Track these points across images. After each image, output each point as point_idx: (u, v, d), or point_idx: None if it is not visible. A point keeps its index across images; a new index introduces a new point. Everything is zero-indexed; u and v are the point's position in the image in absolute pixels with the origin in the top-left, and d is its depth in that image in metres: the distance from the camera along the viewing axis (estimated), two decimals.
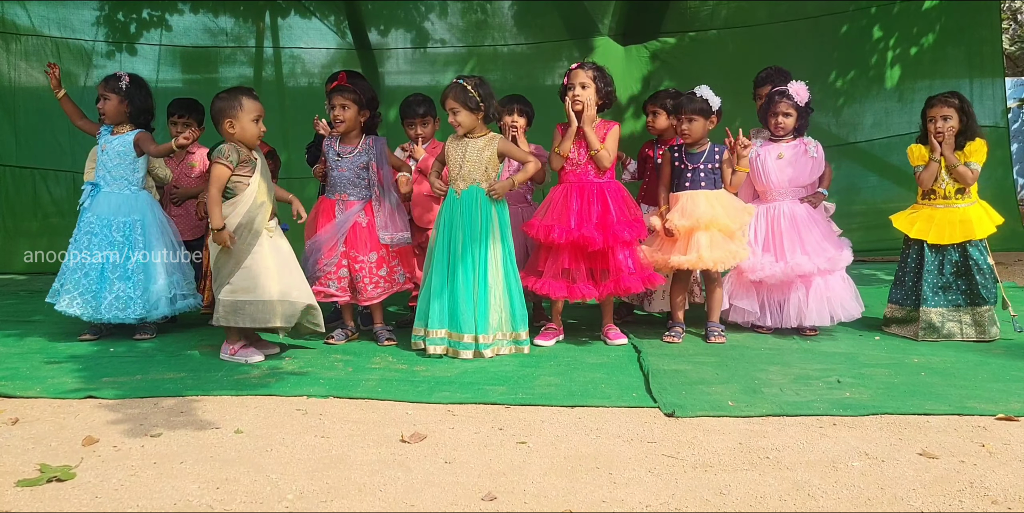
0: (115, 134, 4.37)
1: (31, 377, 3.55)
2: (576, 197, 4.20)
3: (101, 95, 4.36)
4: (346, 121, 4.24)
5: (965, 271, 4.28)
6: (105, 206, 4.28)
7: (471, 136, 4.08)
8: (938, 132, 4.29)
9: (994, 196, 7.81)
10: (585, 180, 4.24)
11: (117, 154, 4.31)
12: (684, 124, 4.30)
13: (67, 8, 7.26)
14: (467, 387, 3.39)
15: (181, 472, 2.47)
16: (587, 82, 4.21)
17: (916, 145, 4.45)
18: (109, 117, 4.36)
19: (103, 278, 4.21)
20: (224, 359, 3.90)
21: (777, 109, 4.40)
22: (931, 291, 4.27)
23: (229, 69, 7.70)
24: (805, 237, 4.35)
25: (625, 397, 3.23)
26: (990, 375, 3.54)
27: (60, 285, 4.25)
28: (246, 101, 3.91)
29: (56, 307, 4.21)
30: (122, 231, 4.26)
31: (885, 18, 7.64)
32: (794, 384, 3.40)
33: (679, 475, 2.44)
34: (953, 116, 4.28)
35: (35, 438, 2.78)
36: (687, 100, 4.33)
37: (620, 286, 4.13)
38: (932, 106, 4.34)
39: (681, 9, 7.68)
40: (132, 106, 4.36)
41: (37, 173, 7.22)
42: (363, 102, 4.31)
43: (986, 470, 2.45)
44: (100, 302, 4.17)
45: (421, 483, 2.39)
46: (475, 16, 7.81)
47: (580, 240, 4.07)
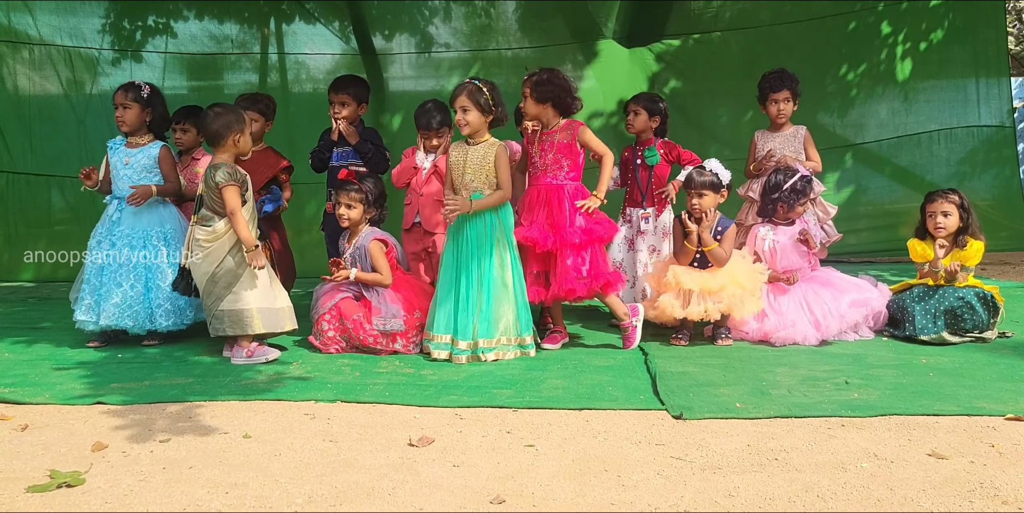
0: (133, 146, 4.38)
1: (40, 383, 3.57)
2: (536, 199, 4.23)
3: (121, 104, 4.34)
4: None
5: (963, 311, 4.22)
6: (139, 218, 4.31)
7: (473, 142, 4.08)
8: (938, 228, 4.30)
9: (1000, 196, 7.85)
10: (543, 182, 4.24)
11: (143, 167, 4.35)
12: (694, 199, 4.29)
13: (75, 17, 7.32)
14: (474, 390, 3.39)
15: (190, 477, 2.47)
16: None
17: (915, 240, 4.46)
18: (129, 126, 4.36)
19: (148, 289, 4.26)
20: (239, 363, 3.91)
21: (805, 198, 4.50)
22: (924, 322, 4.23)
23: (234, 75, 7.74)
24: (814, 307, 4.32)
25: (633, 399, 3.23)
26: (998, 375, 3.53)
27: (91, 296, 4.24)
28: (245, 115, 4.05)
29: (101, 323, 4.20)
30: (163, 241, 4.31)
31: (893, 15, 7.64)
32: (802, 385, 3.39)
33: (688, 477, 2.44)
34: (953, 213, 4.29)
35: (44, 444, 2.79)
36: (697, 174, 4.32)
37: (563, 288, 4.10)
38: (932, 201, 4.36)
39: (685, 11, 7.69)
40: (153, 114, 4.40)
41: (52, 180, 7.27)
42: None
43: (996, 470, 2.44)
44: (150, 313, 4.25)
45: (429, 487, 2.39)
46: (479, 20, 7.83)
47: (525, 242, 4.11)
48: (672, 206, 4.82)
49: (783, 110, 5.00)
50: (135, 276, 4.24)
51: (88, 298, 4.25)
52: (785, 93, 4.98)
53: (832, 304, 4.28)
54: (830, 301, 4.30)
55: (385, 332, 4.08)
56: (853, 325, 4.29)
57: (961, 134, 7.84)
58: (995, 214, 7.62)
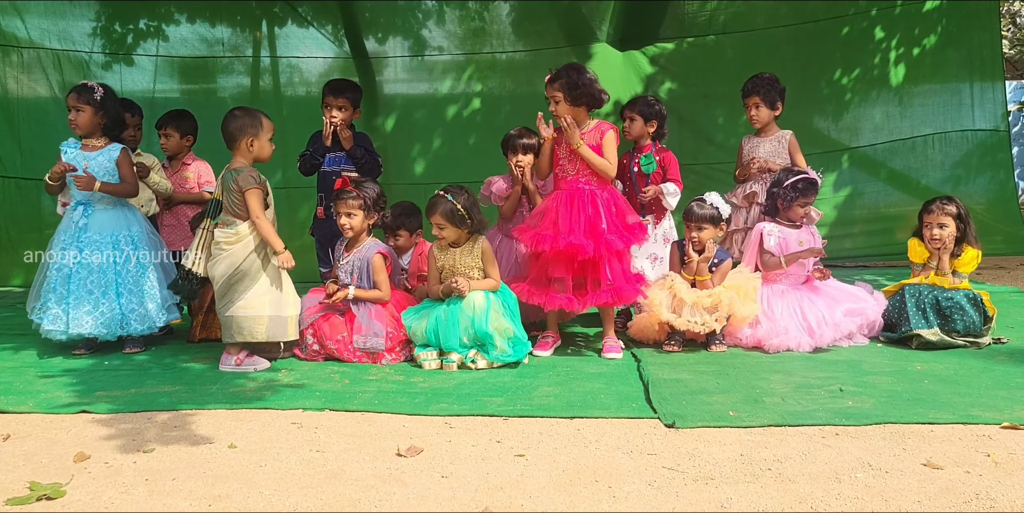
0: (90, 149, 4.28)
1: (24, 392, 3.51)
2: (566, 204, 4.11)
3: (73, 107, 4.24)
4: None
5: (952, 311, 4.21)
6: (106, 223, 4.25)
7: (456, 246, 4.11)
8: (934, 239, 4.31)
9: (995, 200, 7.84)
10: (576, 187, 4.15)
11: (105, 171, 4.25)
12: (693, 231, 4.32)
13: (65, 20, 7.27)
14: (464, 398, 3.35)
15: (173, 489, 2.43)
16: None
17: (915, 240, 4.47)
18: (83, 129, 4.26)
19: (119, 295, 4.19)
20: (226, 370, 3.88)
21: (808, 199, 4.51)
22: (917, 318, 4.22)
23: (226, 79, 7.70)
24: (808, 314, 4.30)
25: (625, 408, 3.19)
26: (994, 382, 3.50)
27: (58, 306, 4.14)
28: (266, 120, 4.00)
29: (71, 332, 4.11)
30: (131, 245, 4.25)
31: (886, 20, 7.64)
32: (796, 393, 3.35)
33: (679, 488, 2.40)
34: (950, 224, 4.31)
35: (26, 454, 2.74)
36: (697, 207, 4.33)
37: (619, 296, 4.08)
38: (930, 212, 4.37)
39: (679, 15, 7.68)
40: (107, 117, 4.29)
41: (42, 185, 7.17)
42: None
43: (992, 480, 2.41)
44: (121, 319, 4.18)
45: (417, 499, 2.35)
46: (473, 23, 7.80)
47: (568, 249, 3.98)
48: (671, 213, 4.78)
49: (754, 115, 5.03)
50: (105, 283, 4.16)
51: (55, 307, 4.12)
52: (755, 99, 4.99)
53: (827, 312, 4.26)
54: (824, 309, 4.28)
55: (366, 350, 4.03)
56: (847, 334, 4.26)
57: (956, 138, 7.83)
58: (990, 218, 7.61)
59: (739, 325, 4.25)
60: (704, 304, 4.18)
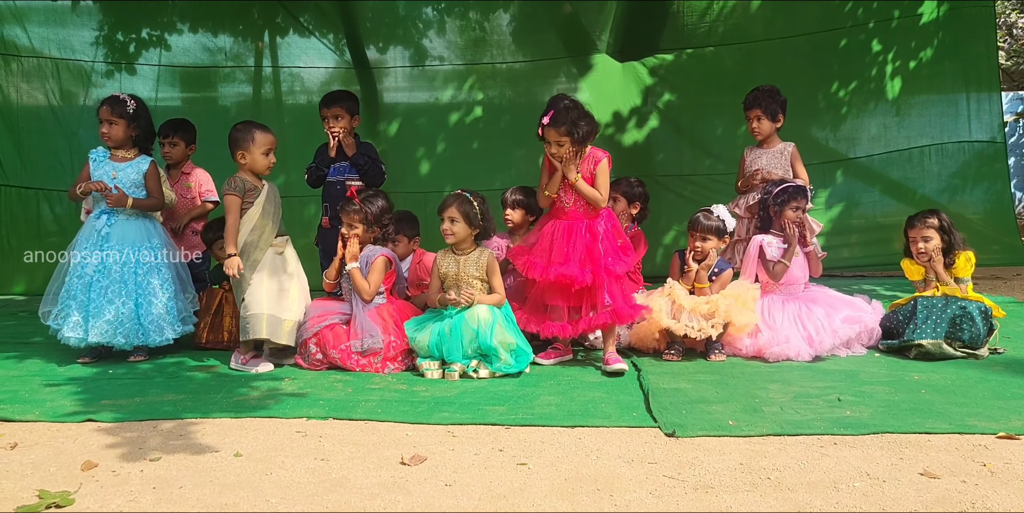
0: (120, 160, 4.34)
1: (30, 400, 3.54)
2: (563, 235, 4.06)
3: (106, 120, 4.27)
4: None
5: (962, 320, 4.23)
6: (128, 232, 4.30)
7: (461, 252, 4.13)
8: (920, 253, 4.39)
9: (992, 210, 7.88)
10: (575, 216, 4.08)
11: (132, 182, 4.32)
12: (698, 241, 4.38)
13: (67, 29, 7.30)
14: (467, 407, 3.38)
15: (180, 497, 2.46)
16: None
17: (906, 260, 4.55)
18: (114, 141, 4.31)
19: (138, 305, 4.24)
20: (233, 367, 4.14)
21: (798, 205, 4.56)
22: (926, 327, 4.24)
23: (228, 88, 7.73)
24: (807, 323, 4.34)
25: (625, 417, 3.23)
26: (991, 392, 3.53)
27: (79, 313, 4.16)
28: (258, 135, 4.17)
29: (90, 340, 4.14)
30: (152, 255, 4.30)
31: (883, 33, 7.69)
32: (794, 402, 3.39)
33: (680, 497, 2.43)
34: (934, 236, 4.38)
35: (34, 463, 2.77)
36: (704, 218, 4.39)
37: (618, 317, 4.08)
38: (913, 227, 4.45)
39: (678, 26, 7.72)
40: (139, 129, 4.35)
41: (42, 193, 7.24)
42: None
43: (988, 490, 2.45)
44: (139, 329, 4.23)
45: (422, 506, 2.38)
46: (473, 33, 7.84)
47: (560, 279, 3.97)
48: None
49: (755, 127, 5.09)
50: (126, 292, 4.21)
51: (75, 314, 4.15)
52: (756, 111, 5.04)
53: (825, 320, 4.30)
54: (823, 317, 4.32)
55: (363, 352, 4.05)
56: (846, 341, 4.29)
57: (952, 149, 7.87)
58: (987, 228, 7.64)
59: (738, 334, 4.29)
60: (701, 310, 4.22)
